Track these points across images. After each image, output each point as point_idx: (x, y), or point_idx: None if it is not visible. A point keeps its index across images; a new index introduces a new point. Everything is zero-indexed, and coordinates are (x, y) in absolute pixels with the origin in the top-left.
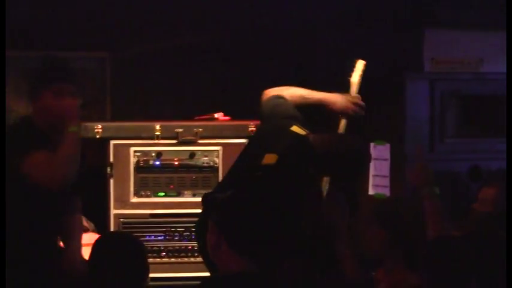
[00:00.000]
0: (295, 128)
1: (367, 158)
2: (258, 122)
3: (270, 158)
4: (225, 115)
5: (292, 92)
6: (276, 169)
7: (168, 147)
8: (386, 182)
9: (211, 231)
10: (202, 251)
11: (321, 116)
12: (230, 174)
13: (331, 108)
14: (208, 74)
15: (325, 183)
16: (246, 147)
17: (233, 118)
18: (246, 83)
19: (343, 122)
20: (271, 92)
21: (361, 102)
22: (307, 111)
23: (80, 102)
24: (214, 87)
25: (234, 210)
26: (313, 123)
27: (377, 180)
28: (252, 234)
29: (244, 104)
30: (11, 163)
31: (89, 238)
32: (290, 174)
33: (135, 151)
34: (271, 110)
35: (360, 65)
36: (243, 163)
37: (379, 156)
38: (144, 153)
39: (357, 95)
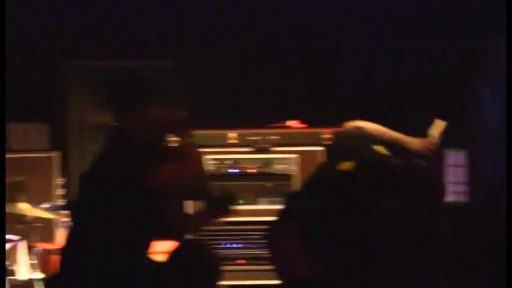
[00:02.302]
0: (378, 148)
1: (440, 192)
2: (333, 130)
3: (347, 165)
4: (300, 123)
5: (372, 126)
6: (352, 176)
7: (243, 155)
8: (462, 188)
9: (291, 238)
10: (273, 258)
11: None
12: (308, 181)
13: (407, 148)
14: (282, 81)
15: None
16: (326, 156)
17: (308, 126)
18: (322, 90)
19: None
20: (351, 123)
21: (435, 148)
22: None
23: (186, 115)
24: (288, 94)
25: (318, 219)
26: None
27: (453, 187)
28: (335, 242)
29: (319, 112)
30: (131, 176)
31: (166, 245)
32: (365, 184)
33: (211, 159)
34: (355, 131)
35: (441, 124)
36: (321, 170)
37: (455, 163)
38: (220, 161)
39: (434, 140)
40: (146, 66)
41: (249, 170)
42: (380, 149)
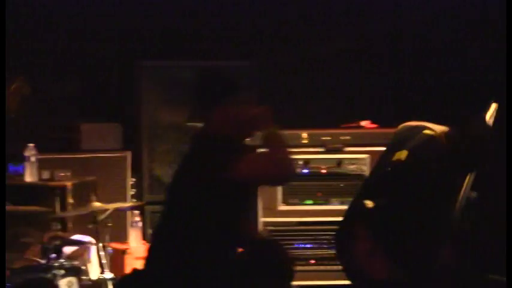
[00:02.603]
0: (426, 131)
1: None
2: None
3: (399, 154)
4: (372, 123)
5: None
6: (406, 165)
7: (315, 155)
8: None
9: (364, 239)
10: (343, 258)
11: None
12: (368, 179)
13: None
14: (355, 81)
15: None
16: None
17: (380, 126)
18: (393, 90)
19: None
20: None
21: None
22: None
23: (271, 109)
24: (361, 94)
25: (391, 218)
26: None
27: None
28: (409, 241)
29: (391, 112)
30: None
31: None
32: (421, 170)
33: None
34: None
35: (493, 107)
36: (378, 166)
37: None
38: None
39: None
40: (220, 66)
41: (320, 170)
42: (427, 131)
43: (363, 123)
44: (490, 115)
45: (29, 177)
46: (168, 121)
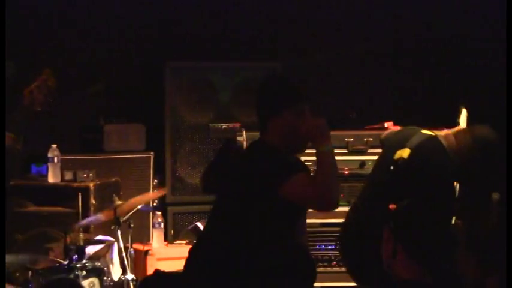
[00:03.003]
0: (424, 131)
1: (497, 148)
2: None
3: (402, 153)
4: (395, 124)
5: None
6: (410, 163)
7: (338, 156)
8: None
9: (387, 240)
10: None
11: None
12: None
13: None
14: (378, 83)
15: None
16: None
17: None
18: (417, 91)
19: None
20: None
21: None
22: None
23: (326, 122)
24: (384, 96)
25: (412, 218)
26: None
27: None
28: (431, 241)
29: (414, 113)
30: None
31: None
32: (424, 167)
33: (305, 160)
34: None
35: (464, 112)
36: (379, 166)
37: None
38: (313, 162)
39: None
40: (248, 67)
41: (343, 171)
42: (425, 131)
43: (387, 124)
44: (462, 120)
45: (52, 178)
46: (192, 122)
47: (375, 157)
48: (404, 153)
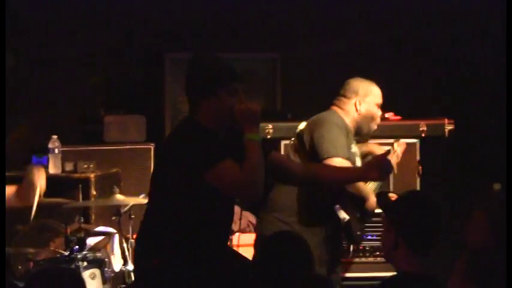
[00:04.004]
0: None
1: None
2: (429, 122)
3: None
4: (396, 114)
5: None
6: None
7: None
8: None
9: (387, 232)
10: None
11: None
12: None
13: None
14: (377, 73)
15: None
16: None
17: (404, 118)
18: (417, 82)
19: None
20: None
21: None
22: None
23: (260, 109)
24: (385, 86)
25: (412, 208)
26: None
27: None
28: (432, 230)
29: (414, 104)
30: (194, 168)
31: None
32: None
33: None
34: None
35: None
36: None
37: None
38: None
39: None
40: (248, 58)
41: None
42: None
43: (387, 115)
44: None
45: (53, 169)
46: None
47: None
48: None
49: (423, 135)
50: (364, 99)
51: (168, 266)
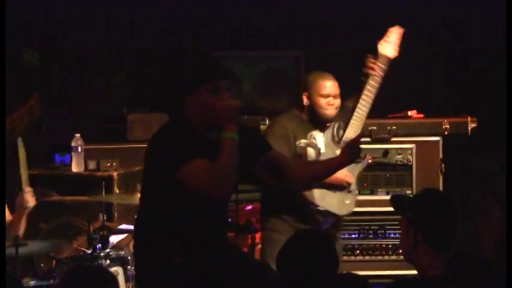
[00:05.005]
0: None
1: None
2: (452, 120)
3: None
4: (419, 112)
5: None
6: None
7: (361, 145)
8: None
9: (406, 232)
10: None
11: None
12: None
13: None
14: (400, 71)
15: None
16: None
17: (427, 116)
18: (439, 81)
19: None
20: None
21: None
22: None
23: (240, 106)
24: (407, 84)
25: (428, 205)
26: None
27: None
28: (450, 226)
29: (437, 102)
30: (167, 166)
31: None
32: None
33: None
34: None
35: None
36: None
37: None
38: None
39: None
40: (272, 57)
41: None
42: None
43: (410, 112)
44: None
45: (76, 167)
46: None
47: (398, 145)
48: None
49: (446, 133)
50: (308, 91)
51: (152, 264)
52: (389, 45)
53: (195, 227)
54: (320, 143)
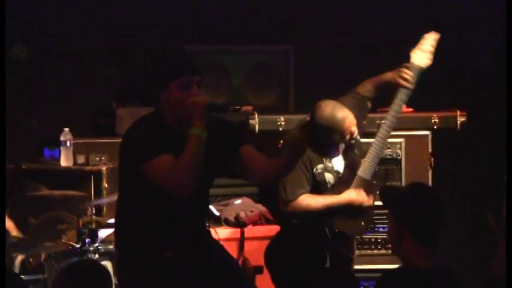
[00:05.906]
0: None
1: None
2: (441, 114)
3: None
4: (408, 107)
5: None
6: None
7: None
8: None
9: (391, 225)
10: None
11: None
12: None
13: None
14: (387, 67)
15: None
16: None
17: (416, 110)
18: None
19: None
20: None
21: None
22: None
23: (208, 103)
24: None
25: (411, 200)
26: None
27: None
28: (433, 221)
29: (427, 96)
30: (135, 160)
31: (268, 230)
32: None
33: None
34: None
35: None
36: None
37: None
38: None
39: None
40: (262, 50)
41: None
42: None
43: None
44: None
45: (64, 161)
46: None
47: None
48: None
49: (435, 127)
50: None
51: (126, 258)
52: (424, 53)
53: (166, 221)
54: (337, 165)
